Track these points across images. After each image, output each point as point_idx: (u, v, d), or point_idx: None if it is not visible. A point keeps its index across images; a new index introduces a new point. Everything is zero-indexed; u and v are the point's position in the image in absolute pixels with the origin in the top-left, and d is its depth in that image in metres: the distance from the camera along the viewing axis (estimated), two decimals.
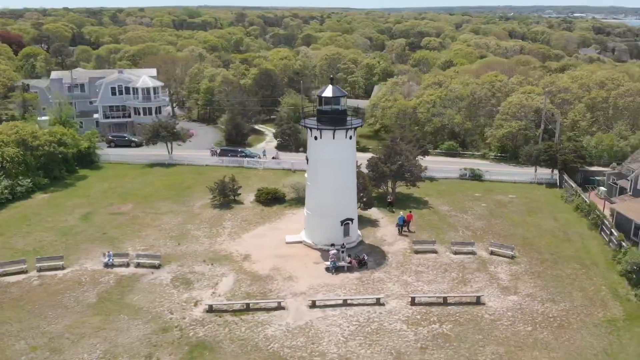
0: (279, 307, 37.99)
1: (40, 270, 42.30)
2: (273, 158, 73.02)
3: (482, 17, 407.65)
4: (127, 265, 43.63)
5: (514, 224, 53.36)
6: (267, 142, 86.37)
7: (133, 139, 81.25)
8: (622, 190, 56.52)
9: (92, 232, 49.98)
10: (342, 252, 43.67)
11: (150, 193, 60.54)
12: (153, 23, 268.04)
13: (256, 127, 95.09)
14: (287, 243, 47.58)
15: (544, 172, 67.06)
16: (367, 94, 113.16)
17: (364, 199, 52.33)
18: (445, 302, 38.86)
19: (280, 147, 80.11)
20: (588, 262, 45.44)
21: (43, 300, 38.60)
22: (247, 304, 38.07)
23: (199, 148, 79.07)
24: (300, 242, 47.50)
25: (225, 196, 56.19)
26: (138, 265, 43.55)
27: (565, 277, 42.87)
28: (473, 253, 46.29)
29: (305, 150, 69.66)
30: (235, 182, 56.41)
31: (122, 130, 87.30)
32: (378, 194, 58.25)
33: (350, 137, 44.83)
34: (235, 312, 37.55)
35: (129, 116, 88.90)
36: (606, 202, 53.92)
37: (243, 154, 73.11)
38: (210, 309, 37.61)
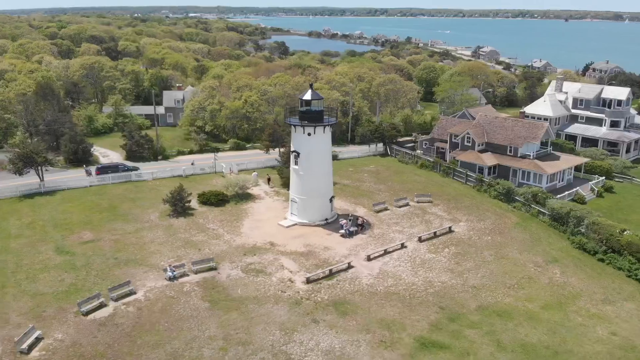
0: (350, 267, 48.63)
1: (116, 299, 42.42)
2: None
3: (122, 19, 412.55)
4: (187, 274, 46.64)
5: (399, 182, 72.26)
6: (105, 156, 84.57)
7: None
8: (438, 149, 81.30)
9: (100, 260, 48.99)
10: (350, 220, 55.63)
11: (85, 220, 58.29)
12: None
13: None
14: (287, 227, 56.29)
15: (373, 147, 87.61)
16: (145, 101, 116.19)
17: None
18: (436, 236, 55.44)
19: (132, 158, 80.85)
20: (470, 196, 67.56)
21: (164, 316, 40.46)
22: (330, 270, 47.53)
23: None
24: (294, 224, 56.83)
25: (177, 205, 59.49)
26: (197, 271, 47.05)
27: (472, 206, 63.92)
28: (408, 205, 63.48)
29: (164, 158, 74.96)
30: (184, 191, 60.20)
31: None
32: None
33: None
34: (323, 278, 46.70)
35: None
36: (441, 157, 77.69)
37: (125, 168, 73.05)
38: (308, 281, 45.92)
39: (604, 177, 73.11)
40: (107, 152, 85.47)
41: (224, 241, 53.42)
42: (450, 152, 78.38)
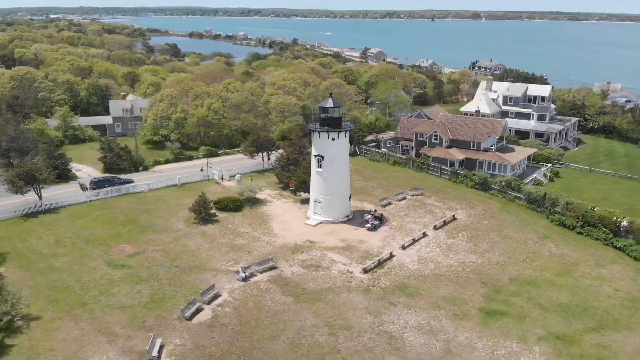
0: (392, 256, 54.78)
1: (208, 302, 45.17)
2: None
3: None
4: (254, 274, 50.18)
5: (383, 178, 79.26)
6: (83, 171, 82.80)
7: None
8: (403, 147, 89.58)
9: (162, 270, 50.70)
10: (372, 215, 61.63)
11: (114, 234, 58.68)
12: None
13: None
14: (314, 226, 61.08)
15: None
16: (84, 112, 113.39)
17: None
18: (445, 223, 63.12)
19: (111, 171, 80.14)
20: (450, 187, 76.15)
21: (261, 313, 43.98)
22: (378, 260, 53.33)
23: None
24: (320, 222, 61.75)
25: (202, 213, 62.00)
26: (262, 271, 50.73)
27: (458, 196, 72.49)
28: (405, 198, 70.73)
29: (144, 169, 76.47)
30: (207, 200, 62.72)
31: None
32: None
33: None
34: (376, 267, 52.49)
35: None
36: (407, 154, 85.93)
37: (121, 181, 72.92)
38: (365, 271, 51.45)
39: (551, 164, 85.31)
40: (77, 166, 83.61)
41: (265, 242, 57.04)
42: (414, 149, 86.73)
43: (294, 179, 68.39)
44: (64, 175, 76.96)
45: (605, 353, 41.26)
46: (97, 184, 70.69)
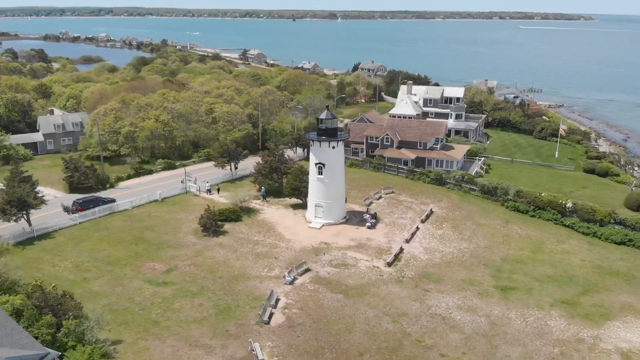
0: (403, 250, 61.88)
1: (274, 307, 49.03)
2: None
3: None
4: (296, 277, 54.60)
5: (349, 180, 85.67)
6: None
7: None
8: (353, 150, 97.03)
9: (209, 282, 52.97)
10: (370, 215, 68.15)
11: (132, 254, 59.12)
12: None
13: None
14: (319, 229, 66.31)
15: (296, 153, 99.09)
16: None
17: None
18: (428, 217, 71.49)
19: (77, 190, 78.38)
20: (411, 184, 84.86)
21: (324, 310, 48.63)
22: (395, 255, 60.10)
23: None
24: (323, 225, 67.09)
25: (211, 225, 64.52)
26: (301, 274, 55.28)
27: (422, 192, 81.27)
28: (382, 197, 78.17)
29: (111, 186, 79.68)
30: (215, 213, 65.21)
31: None
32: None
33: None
34: (393, 261, 59.23)
35: None
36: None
37: (106, 200, 71.94)
38: (389, 265, 58.05)
39: (483, 158, 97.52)
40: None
41: (285, 248, 61.25)
42: (364, 151, 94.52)
43: (286, 186, 72.73)
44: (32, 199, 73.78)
45: (603, 310, 51.60)
46: (82, 205, 69.46)
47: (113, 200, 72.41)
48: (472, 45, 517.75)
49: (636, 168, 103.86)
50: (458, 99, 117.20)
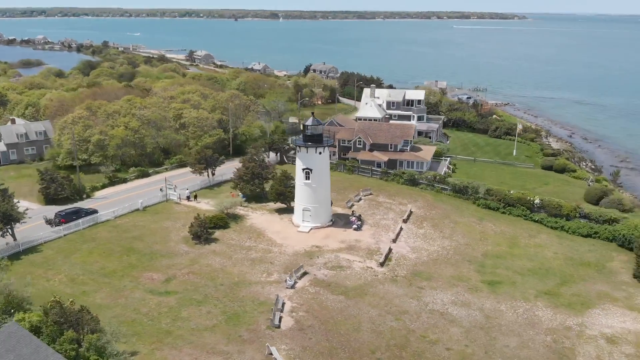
0: (391, 250, 64.51)
1: (282, 310, 50.56)
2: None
3: None
4: (296, 281, 56.24)
5: None
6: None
7: None
8: None
9: (211, 290, 53.88)
10: (356, 217, 70.45)
11: (126, 264, 59.07)
12: None
13: None
14: (308, 232, 68.11)
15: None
16: None
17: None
18: (408, 217, 74.52)
19: (53, 201, 77.20)
20: (386, 185, 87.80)
21: (329, 311, 50.45)
22: (386, 255, 62.59)
23: None
24: (311, 228, 68.91)
25: (203, 233, 65.16)
26: (300, 277, 56.96)
27: (397, 193, 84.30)
28: (361, 199, 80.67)
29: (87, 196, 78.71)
30: (205, 221, 65.88)
31: None
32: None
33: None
34: (384, 261, 61.79)
35: None
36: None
37: (89, 211, 71.10)
38: (381, 265, 60.55)
39: (449, 158, 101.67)
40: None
41: (278, 252, 62.72)
42: (336, 154, 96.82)
43: (271, 191, 74.03)
44: (8, 214, 71.98)
45: (582, 299, 55.77)
46: (65, 217, 68.55)
47: (95, 211, 71.70)
48: (415, 45, 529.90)
49: (589, 163, 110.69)
50: (419, 102, 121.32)
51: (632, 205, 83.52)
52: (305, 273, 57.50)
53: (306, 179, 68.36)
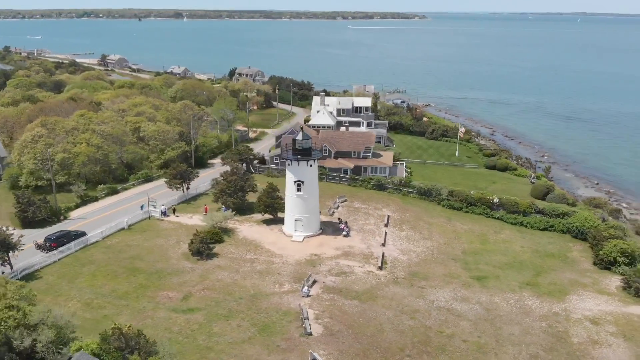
0: (384, 254, 69.47)
1: (308, 318, 54.07)
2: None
3: None
4: (310, 289, 59.82)
5: None
6: None
7: None
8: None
9: (230, 305, 56.06)
10: (344, 224, 74.79)
11: (136, 285, 59.67)
12: None
13: None
14: (302, 241, 71.67)
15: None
16: None
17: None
18: (388, 221, 79.90)
19: (31, 225, 75.55)
20: (355, 191, 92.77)
21: (351, 317, 54.42)
22: (382, 258, 67.51)
23: None
24: (304, 237, 72.50)
25: (205, 249, 66.91)
26: (312, 285, 60.61)
27: (369, 198, 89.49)
28: (339, 206, 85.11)
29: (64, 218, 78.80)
30: (206, 237, 67.67)
31: None
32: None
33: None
34: (382, 265, 66.70)
35: None
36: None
37: (78, 233, 70.40)
38: (380, 268, 65.39)
39: (404, 162, 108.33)
40: None
41: (282, 263, 65.82)
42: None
43: (260, 204, 76.67)
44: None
45: (558, 287, 63.37)
46: (56, 242, 67.73)
47: (84, 233, 71.15)
48: (327, 47, 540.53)
49: (524, 160, 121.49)
50: (367, 108, 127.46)
51: (574, 199, 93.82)
52: (314, 281, 61.02)
53: (298, 191, 71.75)
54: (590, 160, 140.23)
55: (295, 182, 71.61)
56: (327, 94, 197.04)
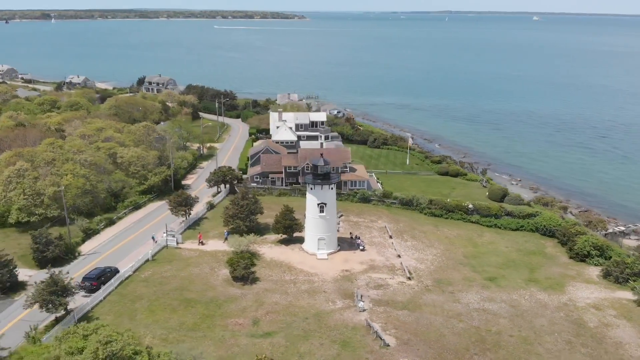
0: (403, 266, 77.53)
1: (378, 331, 60.75)
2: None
3: None
4: (362, 302, 66.37)
5: (295, 208, 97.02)
6: None
7: None
8: (271, 179, 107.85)
9: (302, 324, 61.09)
10: (360, 239, 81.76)
11: (203, 314, 62.04)
12: None
13: None
14: (327, 258, 77.74)
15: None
16: None
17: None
18: (389, 233, 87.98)
19: (45, 264, 74.50)
20: (343, 205, 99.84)
21: (411, 325, 62.14)
22: (408, 270, 75.47)
23: None
24: (328, 254, 78.62)
25: (251, 274, 70.89)
26: (361, 298, 67.19)
27: (361, 212, 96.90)
28: (340, 222, 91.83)
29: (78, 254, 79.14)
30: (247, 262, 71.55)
31: None
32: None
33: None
34: (408, 276, 74.72)
35: None
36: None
37: (110, 270, 70.88)
38: (409, 278, 73.40)
39: (372, 173, 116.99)
40: None
41: (321, 281, 71.42)
42: (282, 180, 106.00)
43: (277, 225, 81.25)
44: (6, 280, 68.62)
45: (556, 281, 74.95)
46: (97, 280, 68.24)
47: (117, 270, 71.82)
48: (219, 50, 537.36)
49: (466, 165, 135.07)
50: (322, 123, 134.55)
51: (528, 200, 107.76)
52: (361, 295, 67.55)
53: (320, 212, 77.60)
54: (505, 158, 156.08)
55: (318, 204, 77.29)
56: (257, 104, 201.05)
